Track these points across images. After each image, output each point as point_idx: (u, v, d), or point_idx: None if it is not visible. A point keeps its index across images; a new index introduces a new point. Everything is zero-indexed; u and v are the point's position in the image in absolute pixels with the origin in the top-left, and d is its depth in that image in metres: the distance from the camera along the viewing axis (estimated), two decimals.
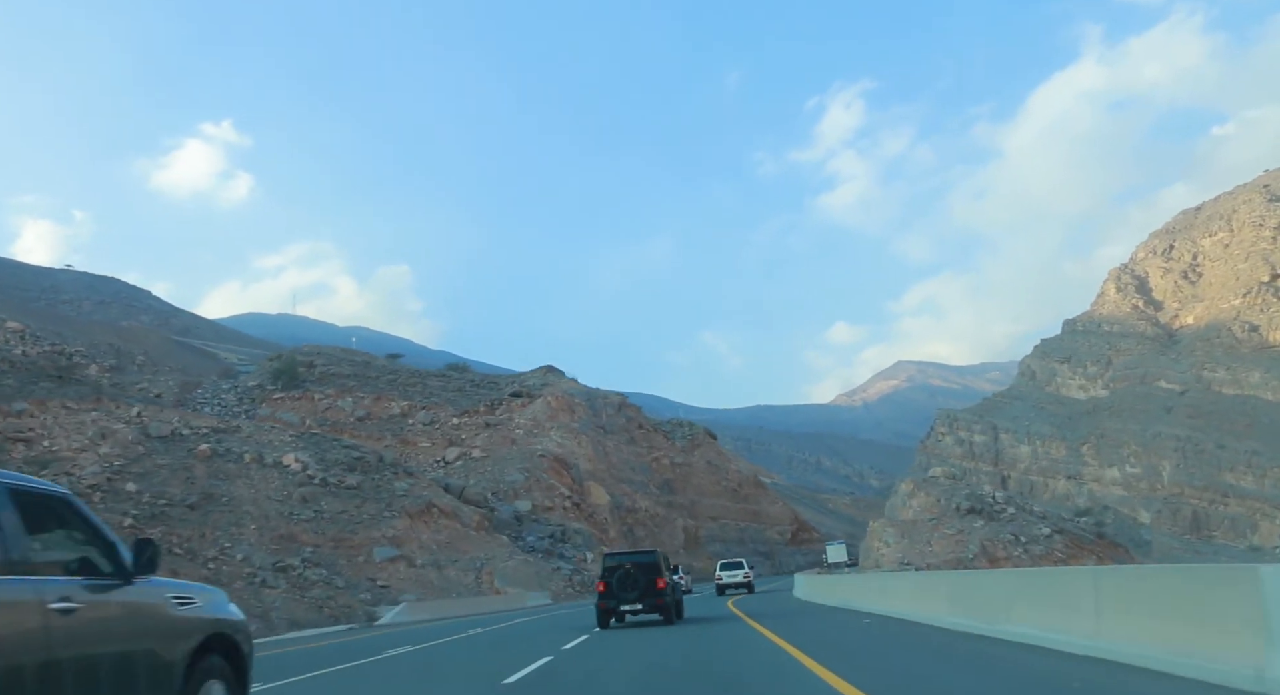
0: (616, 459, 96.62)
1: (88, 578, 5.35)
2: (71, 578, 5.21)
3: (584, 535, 70.32)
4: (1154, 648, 8.60)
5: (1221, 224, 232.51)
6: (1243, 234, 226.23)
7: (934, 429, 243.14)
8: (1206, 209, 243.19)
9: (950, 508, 66.14)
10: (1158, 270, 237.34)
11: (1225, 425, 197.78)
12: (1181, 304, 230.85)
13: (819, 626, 22.04)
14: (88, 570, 5.41)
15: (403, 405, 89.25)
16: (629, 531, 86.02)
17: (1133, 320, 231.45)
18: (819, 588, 37.58)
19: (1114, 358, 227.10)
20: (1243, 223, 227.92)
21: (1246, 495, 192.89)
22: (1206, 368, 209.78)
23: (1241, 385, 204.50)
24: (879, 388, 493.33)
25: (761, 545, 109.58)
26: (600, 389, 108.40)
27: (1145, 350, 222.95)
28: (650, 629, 22.50)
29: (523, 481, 73.38)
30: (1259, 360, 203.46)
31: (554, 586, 58.19)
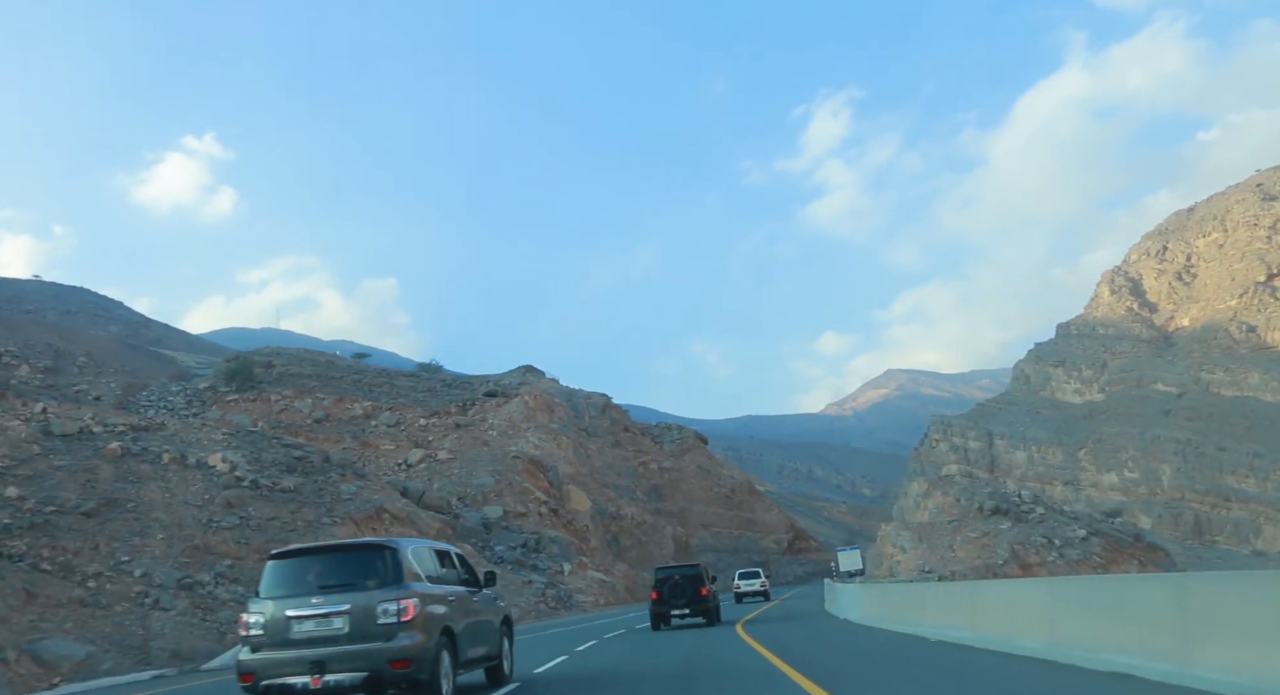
0: (600, 463, 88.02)
1: (469, 588, 12.96)
2: (466, 587, 12.88)
3: (561, 544, 61.70)
4: None
5: (1215, 224, 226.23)
6: (1237, 234, 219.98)
7: (928, 436, 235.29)
8: (1199, 210, 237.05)
9: (972, 508, 57.90)
10: (1151, 272, 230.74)
11: (1225, 428, 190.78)
12: (1176, 305, 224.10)
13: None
14: (468, 584, 13.08)
15: (366, 406, 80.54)
16: (613, 540, 77.41)
17: (1127, 323, 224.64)
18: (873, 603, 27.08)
19: (1109, 361, 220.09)
20: (1237, 222, 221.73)
21: (1249, 499, 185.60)
22: (1204, 369, 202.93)
23: (1240, 387, 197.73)
24: (869, 397, 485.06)
25: (757, 555, 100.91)
26: (582, 390, 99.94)
27: (1141, 353, 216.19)
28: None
29: (493, 485, 64.77)
30: (1257, 361, 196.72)
31: (523, 602, 49.49)
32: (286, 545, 39.06)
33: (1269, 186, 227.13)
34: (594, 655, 20.48)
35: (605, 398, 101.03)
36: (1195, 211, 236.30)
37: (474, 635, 12.62)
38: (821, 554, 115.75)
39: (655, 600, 28.09)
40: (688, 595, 27.46)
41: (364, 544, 12.79)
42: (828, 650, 19.04)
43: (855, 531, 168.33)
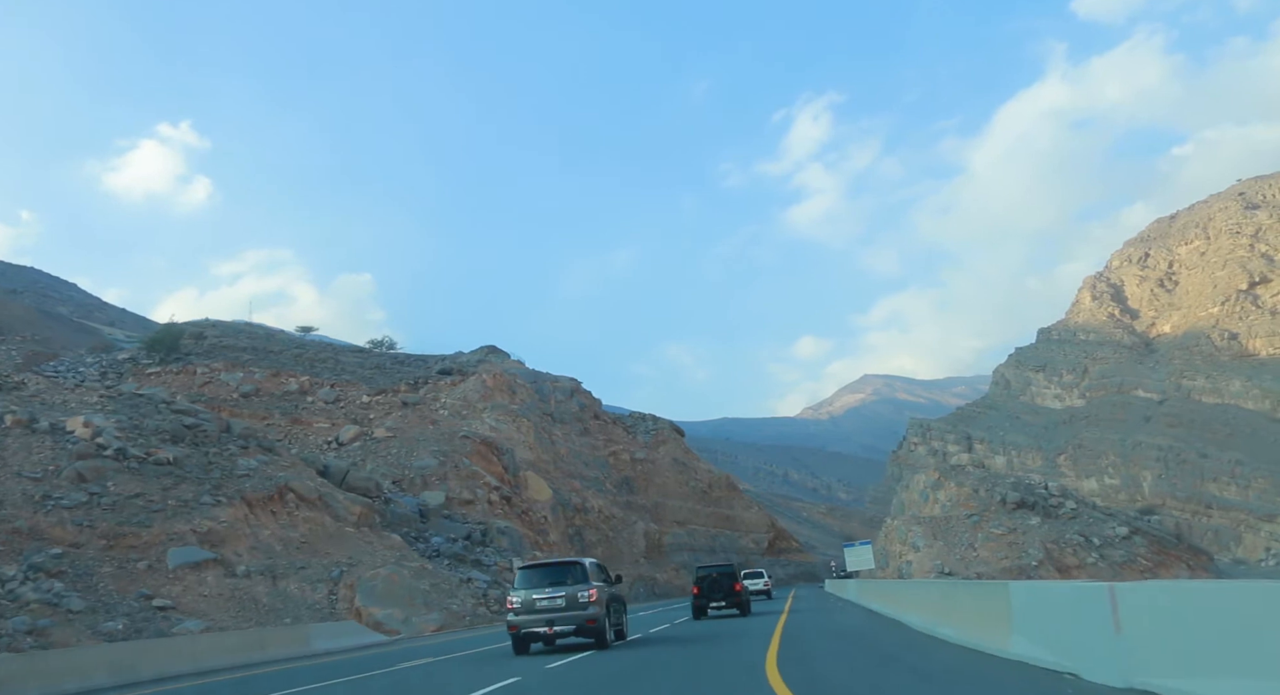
0: (566, 450, 77.52)
1: (608, 583, 20.91)
2: (609, 584, 21.16)
3: (513, 537, 51.14)
4: None
5: (1198, 232, 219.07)
6: (1219, 241, 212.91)
7: (906, 439, 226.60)
8: (1181, 217, 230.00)
9: (992, 502, 48.08)
10: (1133, 278, 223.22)
11: (1206, 435, 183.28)
12: (1158, 312, 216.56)
13: None
14: (609, 582, 21.21)
15: (303, 381, 69.64)
16: (576, 535, 66.92)
17: (1109, 328, 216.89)
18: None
19: (1090, 366, 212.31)
20: (1219, 230, 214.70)
21: (1230, 506, 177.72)
22: (1185, 376, 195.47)
23: (1222, 394, 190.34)
24: (845, 401, 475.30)
25: (735, 554, 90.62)
26: (549, 372, 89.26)
27: (1122, 359, 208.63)
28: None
29: (436, 468, 54.16)
30: (1239, 369, 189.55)
31: (458, 604, 38.88)
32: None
33: (1251, 195, 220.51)
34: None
35: (574, 382, 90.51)
36: (1177, 219, 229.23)
37: (614, 609, 20.96)
38: (803, 555, 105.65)
39: (696, 594, 31.49)
40: (724, 590, 30.84)
41: (570, 561, 21.80)
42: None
43: (835, 534, 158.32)
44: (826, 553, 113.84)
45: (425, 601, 34.98)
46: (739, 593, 31.15)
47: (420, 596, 34.59)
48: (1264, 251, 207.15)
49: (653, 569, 74.64)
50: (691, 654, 18.13)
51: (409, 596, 33.98)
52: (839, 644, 18.98)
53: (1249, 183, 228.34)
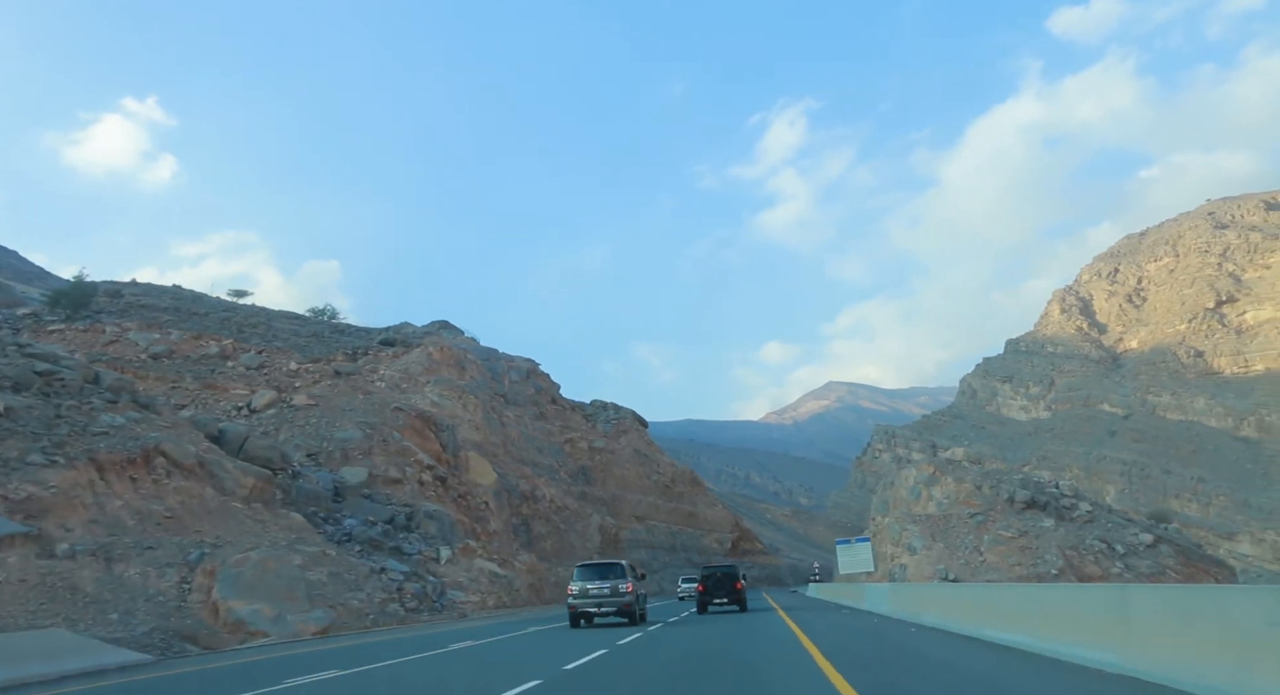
0: (517, 434, 69.36)
1: (637, 579, 26.91)
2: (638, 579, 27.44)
3: (444, 523, 42.89)
4: None
5: (1167, 249, 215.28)
6: (1188, 259, 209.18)
7: (871, 445, 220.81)
8: (1151, 235, 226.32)
9: (998, 500, 40.86)
10: (1102, 293, 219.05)
11: (1170, 451, 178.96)
12: (1126, 327, 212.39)
13: None
14: (636, 578, 26.99)
15: (225, 345, 60.82)
16: (523, 525, 58.75)
17: (1076, 342, 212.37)
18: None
19: (1057, 379, 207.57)
20: (1189, 248, 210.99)
21: (1192, 523, 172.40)
22: (1151, 392, 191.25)
23: (1186, 411, 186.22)
24: (809, 407, 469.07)
25: (697, 554, 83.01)
26: (505, 351, 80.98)
27: (1089, 372, 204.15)
28: None
29: (360, 441, 45.81)
30: (1204, 386, 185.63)
31: (361, 599, 30.65)
32: (588, 561, 34.37)
33: (1220, 215, 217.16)
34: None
35: (531, 363, 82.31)
36: (1147, 236, 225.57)
37: (640, 598, 26.81)
38: (768, 558, 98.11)
39: (701, 592, 33.79)
40: (726, 588, 33.17)
41: (613, 562, 27.70)
42: None
43: (800, 537, 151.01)
44: (791, 556, 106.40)
45: (310, 595, 26.70)
46: (739, 590, 33.25)
47: (304, 588, 26.30)
48: (1231, 271, 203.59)
49: None
50: None
51: (287, 588, 25.69)
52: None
53: (1218, 203, 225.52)
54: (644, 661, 15.77)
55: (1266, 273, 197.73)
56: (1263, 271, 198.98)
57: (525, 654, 18.53)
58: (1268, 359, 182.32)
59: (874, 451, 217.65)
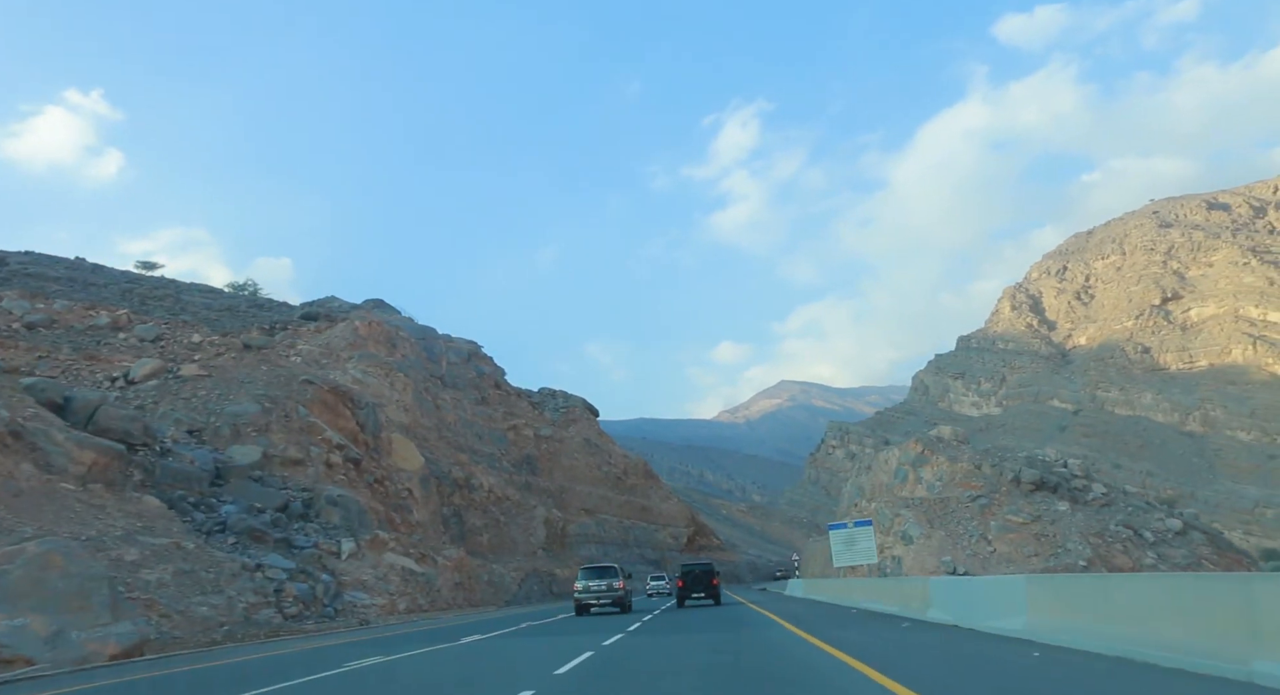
0: (454, 418, 61.80)
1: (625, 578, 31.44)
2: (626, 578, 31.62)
3: (351, 510, 35.32)
4: None
5: (1114, 247, 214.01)
6: (1134, 257, 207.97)
7: (824, 441, 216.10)
8: (1098, 233, 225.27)
9: (1003, 481, 34.60)
10: (1051, 290, 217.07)
11: (1119, 445, 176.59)
12: (1074, 324, 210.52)
13: None
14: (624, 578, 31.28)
15: (118, 316, 52.37)
16: (455, 517, 51.20)
17: (1027, 338, 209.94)
18: None
19: (1008, 375, 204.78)
20: (1135, 247, 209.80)
21: None
22: (1100, 388, 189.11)
23: (1134, 406, 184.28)
24: (761, 406, 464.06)
25: (651, 550, 76.17)
26: (444, 332, 73.20)
27: (1039, 368, 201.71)
28: None
29: (256, 416, 38.06)
30: (1151, 381, 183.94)
31: (211, 607, 23.09)
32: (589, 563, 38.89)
33: (1165, 214, 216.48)
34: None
35: (473, 345, 74.73)
36: (1094, 235, 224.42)
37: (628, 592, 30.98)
38: (725, 554, 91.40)
39: (681, 587, 34.84)
40: (703, 584, 34.28)
41: (609, 565, 32.41)
42: None
43: (756, 533, 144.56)
44: (749, 552, 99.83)
45: (119, 603, 19.07)
46: (715, 586, 34.49)
47: (107, 595, 18.64)
48: (1175, 269, 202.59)
49: (552, 563, 59.39)
50: None
51: (79, 595, 18.06)
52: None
53: (1162, 203, 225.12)
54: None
55: (1209, 270, 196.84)
56: (1205, 269, 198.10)
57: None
58: (1211, 355, 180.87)
59: (828, 448, 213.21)
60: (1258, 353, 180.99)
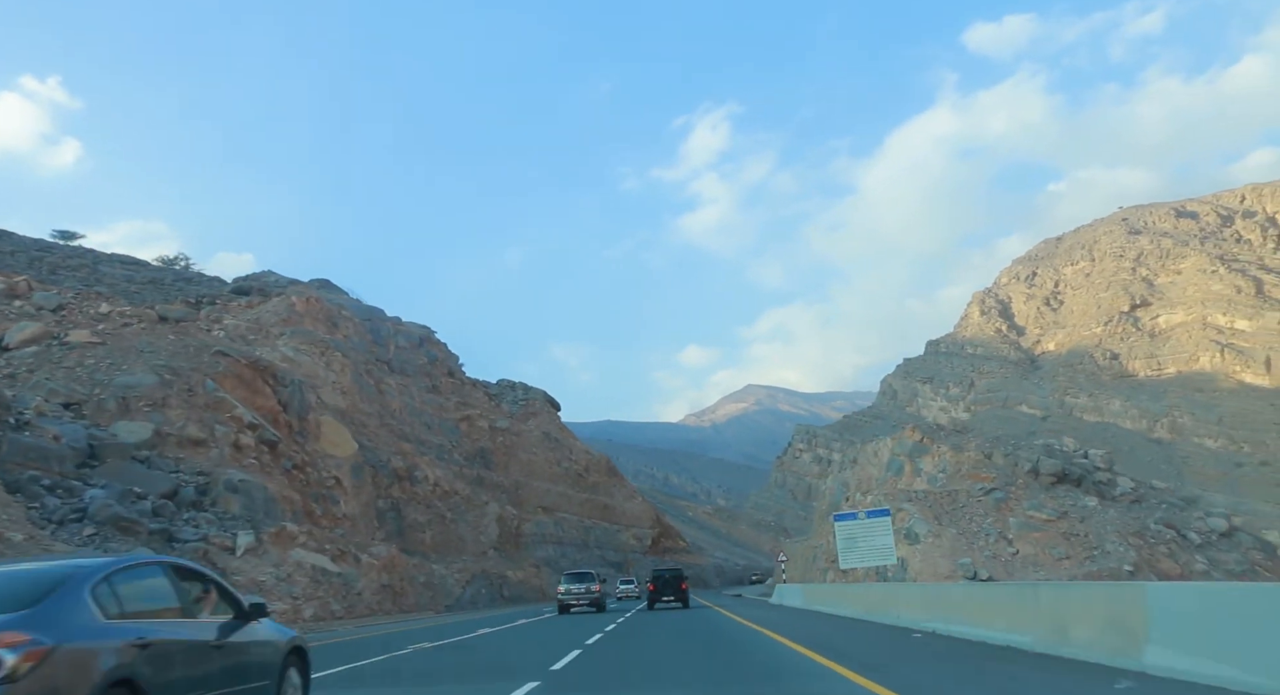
0: (400, 405, 56.14)
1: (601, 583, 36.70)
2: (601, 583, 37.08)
3: (256, 499, 29.70)
4: None
5: (1083, 253, 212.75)
6: (1104, 264, 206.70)
7: (792, 444, 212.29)
8: (1067, 239, 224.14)
9: (1019, 471, 29.86)
10: (1020, 296, 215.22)
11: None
12: (1043, 330, 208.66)
13: None
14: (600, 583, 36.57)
15: (16, 283, 46.09)
16: (393, 511, 45.56)
17: (996, 343, 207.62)
18: None
19: (977, 380, 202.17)
20: (1104, 253, 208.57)
21: None
22: (1069, 394, 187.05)
23: (1102, 412, 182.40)
24: (728, 410, 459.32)
25: (613, 551, 70.91)
26: (395, 315, 67.38)
27: (1008, 374, 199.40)
28: None
29: (151, 388, 32.31)
30: (1119, 388, 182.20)
31: None
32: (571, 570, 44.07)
33: (1134, 221, 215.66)
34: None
35: (425, 330, 69.05)
36: (1063, 241, 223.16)
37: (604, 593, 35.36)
38: (691, 556, 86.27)
39: (652, 590, 36.00)
40: (673, 588, 35.28)
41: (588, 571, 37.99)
42: None
43: (723, 536, 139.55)
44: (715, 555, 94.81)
45: None
46: (684, 590, 35.64)
47: None
48: (1144, 276, 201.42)
49: (505, 564, 53.86)
50: None
51: None
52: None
53: (1131, 210, 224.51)
54: None
55: (1178, 278, 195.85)
56: (1174, 276, 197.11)
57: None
58: (1179, 362, 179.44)
59: (795, 451, 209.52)
60: (1225, 360, 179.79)
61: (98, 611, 5.21)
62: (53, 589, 5.17)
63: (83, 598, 5.20)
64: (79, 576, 5.38)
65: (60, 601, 5.09)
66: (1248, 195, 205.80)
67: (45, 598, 5.05)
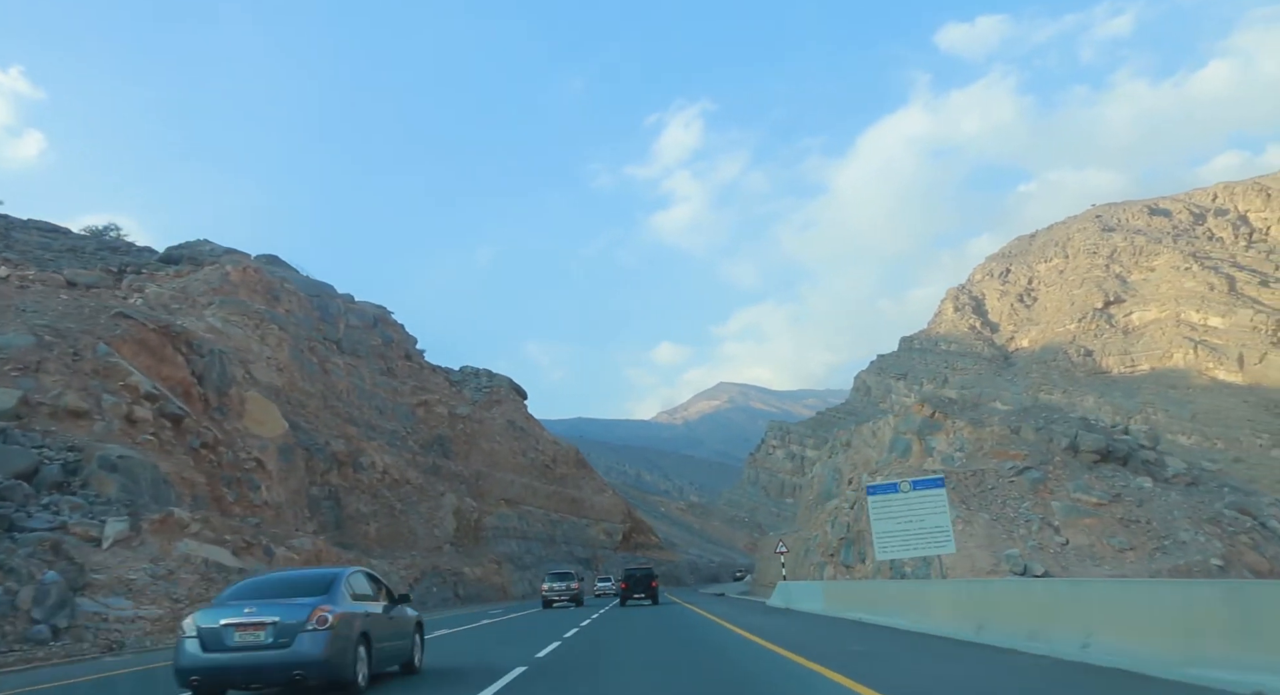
0: (348, 386, 50.70)
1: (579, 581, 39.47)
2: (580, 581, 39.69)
3: (140, 480, 24.33)
4: None
5: (1057, 250, 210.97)
6: (1077, 261, 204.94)
7: (765, 441, 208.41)
8: (1041, 236, 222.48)
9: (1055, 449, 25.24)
10: (994, 292, 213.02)
11: None
12: (1017, 327, 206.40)
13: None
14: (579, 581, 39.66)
15: None
16: (331, 499, 40.15)
17: (970, 340, 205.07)
18: None
19: (950, 376, 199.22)
20: (1078, 250, 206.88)
21: None
22: (1043, 390, 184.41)
23: (1076, 408, 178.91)
24: (700, 407, 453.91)
25: (581, 547, 65.78)
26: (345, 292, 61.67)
27: (982, 370, 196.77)
28: None
29: (24, 350, 26.81)
30: (1093, 385, 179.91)
31: None
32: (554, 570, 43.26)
33: (1107, 218, 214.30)
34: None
35: (381, 310, 63.49)
36: (1037, 238, 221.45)
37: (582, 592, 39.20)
38: (664, 553, 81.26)
39: (624, 588, 36.74)
40: (644, 586, 36.06)
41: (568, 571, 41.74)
42: None
43: (696, 532, 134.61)
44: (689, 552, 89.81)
45: None
46: (654, 588, 36.47)
47: None
48: (1118, 273, 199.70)
49: (461, 560, 48.58)
50: None
51: None
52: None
53: (1104, 207, 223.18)
54: None
55: (1151, 275, 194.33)
56: (1147, 274, 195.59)
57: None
58: (1153, 358, 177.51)
59: (768, 448, 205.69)
60: (1198, 357, 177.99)
61: (348, 595, 9.56)
62: (330, 583, 9.51)
63: (341, 588, 9.48)
64: (339, 576, 9.79)
65: (335, 589, 9.34)
66: (1219, 193, 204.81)
67: (328, 588, 9.36)
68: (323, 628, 8.52)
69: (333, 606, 8.78)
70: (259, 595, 9.18)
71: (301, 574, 10.86)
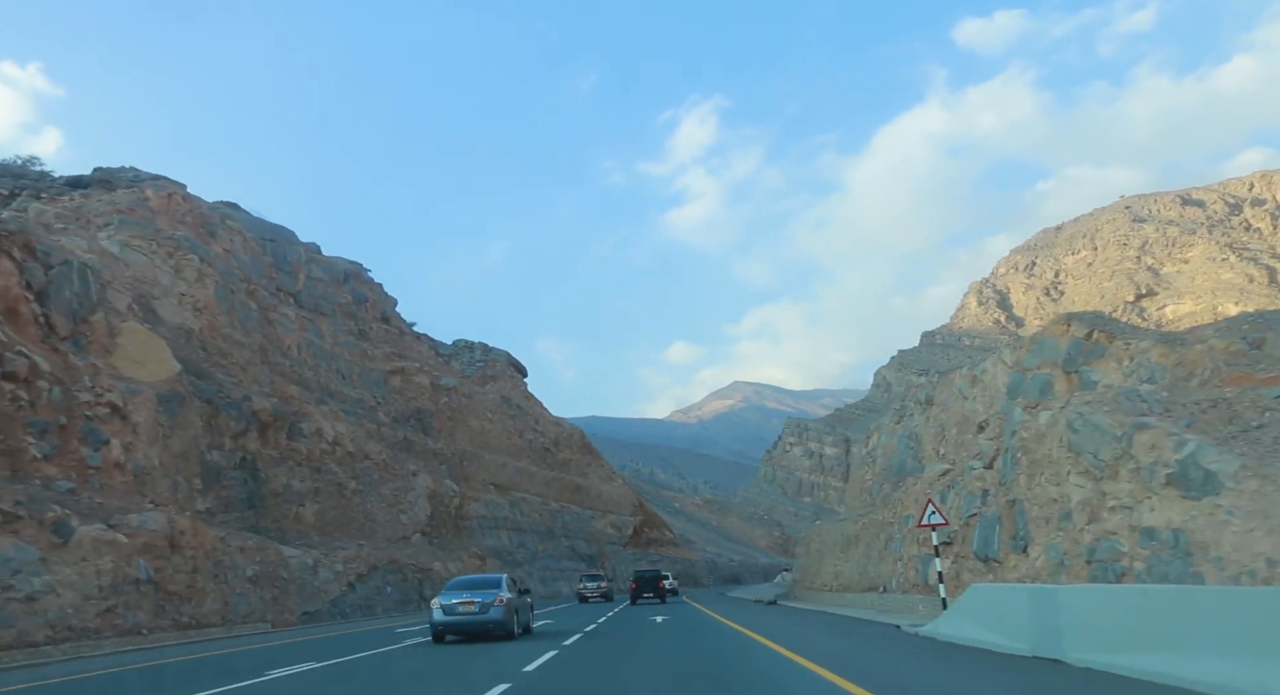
0: (297, 342, 40.95)
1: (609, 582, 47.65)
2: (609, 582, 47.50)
3: None
4: None
5: (1085, 242, 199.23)
6: (1107, 252, 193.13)
7: (782, 438, 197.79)
8: (1067, 228, 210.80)
9: None
10: (1019, 286, 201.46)
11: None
12: (1043, 320, 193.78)
13: None
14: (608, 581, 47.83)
15: None
16: (245, 470, 30.18)
17: (994, 334, 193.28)
18: None
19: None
20: (1107, 242, 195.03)
21: None
22: None
23: None
24: (714, 406, 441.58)
25: (585, 542, 55.76)
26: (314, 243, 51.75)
27: None
28: None
29: None
30: None
31: None
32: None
33: (1137, 209, 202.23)
34: None
35: (355, 266, 53.76)
36: (1063, 230, 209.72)
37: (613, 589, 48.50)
38: (679, 550, 70.95)
39: (634, 588, 39.59)
40: (652, 587, 39.30)
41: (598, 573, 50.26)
42: None
43: (715, 529, 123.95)
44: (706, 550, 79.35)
45: None
46: (662, 589, 39.83)
47: None
48: (1150, 265, 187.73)
49: (433, 554, 38.62)
50: None
51: None
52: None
53: (1133, 198, 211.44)
54: None
55: (1185, 266, 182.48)
56: (1181, 265, 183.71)
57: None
58: None
59: (785, 445, 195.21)
60: None
61: (510, 589, 18.06)
62: (500, 582, 18.25)
63: (505, 584, 18.07)
64: (505, 579, 18.61)
65: (503, 585, 17.91)
66: (1256, 183, 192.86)
67: (499, 584, 18.01)
68: (500, 604, 16.72)
69: (504, 594, 17.01)
70: (467, 588, 17.41)
71: (485, 577, 19.47)
